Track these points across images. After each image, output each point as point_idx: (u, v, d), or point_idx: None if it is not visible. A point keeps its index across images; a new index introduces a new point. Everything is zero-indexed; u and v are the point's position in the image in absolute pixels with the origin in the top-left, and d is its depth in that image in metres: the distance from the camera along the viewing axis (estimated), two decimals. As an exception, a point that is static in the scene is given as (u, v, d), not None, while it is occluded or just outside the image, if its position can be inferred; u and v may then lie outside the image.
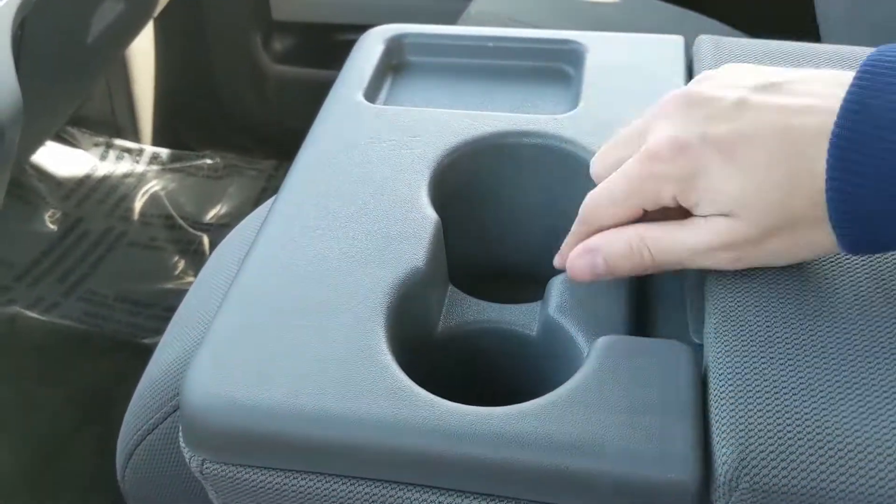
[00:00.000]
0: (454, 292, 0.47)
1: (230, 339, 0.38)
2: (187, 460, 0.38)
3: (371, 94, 0.54)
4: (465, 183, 0.50)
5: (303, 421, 0.35)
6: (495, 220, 0.51)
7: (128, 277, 1.20)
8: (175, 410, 0.48)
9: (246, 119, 1.39)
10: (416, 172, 0.47)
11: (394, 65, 0.59)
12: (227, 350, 0.38)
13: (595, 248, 0.40)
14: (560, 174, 0.49)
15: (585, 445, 0.34)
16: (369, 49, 0.58)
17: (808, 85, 0.37)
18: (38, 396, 1.02)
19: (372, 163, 0.48)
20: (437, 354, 0.44)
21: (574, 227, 0.42)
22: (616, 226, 0.40)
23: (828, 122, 0.34)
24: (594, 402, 0.35)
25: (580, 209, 0.42)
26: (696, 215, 0.38)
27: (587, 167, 0.47)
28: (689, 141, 0.37)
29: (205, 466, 0.37)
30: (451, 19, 1.00)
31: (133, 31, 1.12)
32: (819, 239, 0.36)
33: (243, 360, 0.37)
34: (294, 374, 0.37)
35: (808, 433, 0.33)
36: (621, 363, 0.37)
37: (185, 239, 1.26)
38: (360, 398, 0.36)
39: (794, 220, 0.36)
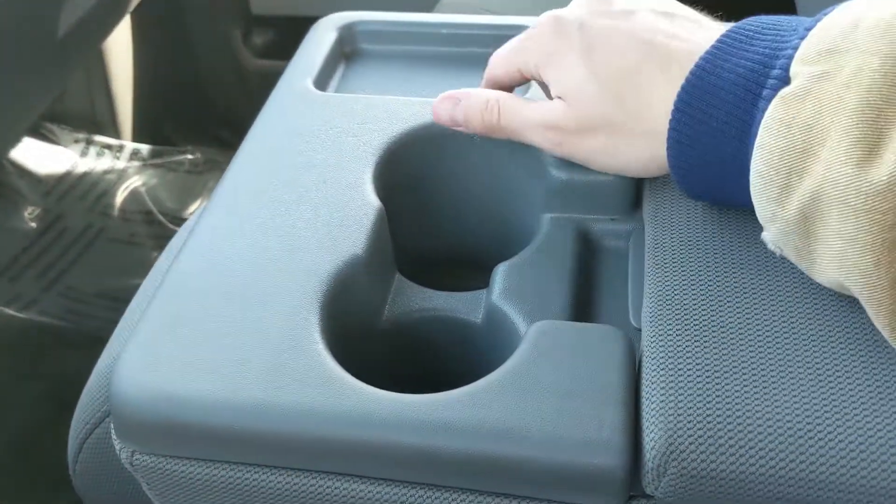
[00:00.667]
0: (400, 280, 0.46)
1: (160, 330, 0.38)
2: (118, 452, 0.37)
3: (321, 81, 0.54)
4: (412, 170, 0.49)
5: (228, 411, 0.35)
6: (443, 207, 0.51)
7: (108, 273, 1.20)
8: None
9: (226, 113, 1.38)
10: (362, 160, 0.47)
11: (346, 52, 0.58)
12: (156, 340, 0.37)
13: (458, 98, 0.44)
14: (507, 161, 0.48)
15: (512, 432, 0.33)
16: (321, 37, 0.57)
17: (696, 27, 0.39)
18: (15, 391, 1.01)
19: (316, 150, 0.47)
20: (384, 343, 0.44)
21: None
22: (501, 81, 0.45)
23: (689, 67, 0.36)
24: (523, 388, 0.34)
25: None
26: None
27: (535, 154, 0.47)
28: (567, 23, 0.41)
29: (134, 458, 0.37)
30: (428, 8, 0.99)
31: (108, 24, 1.11)
32: (644, 155, 0.39)
33: (172, 350, 0.37)
34: (222, 363, 0.36)
35: (738, 418, 0.32)
36: (554, 348, 0.36)
37: (165, 234, 1.25)
38: (287, 387, 0.35)
39: (618, 125, 0.39)
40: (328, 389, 0.35)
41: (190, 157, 1.37)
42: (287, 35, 1.38)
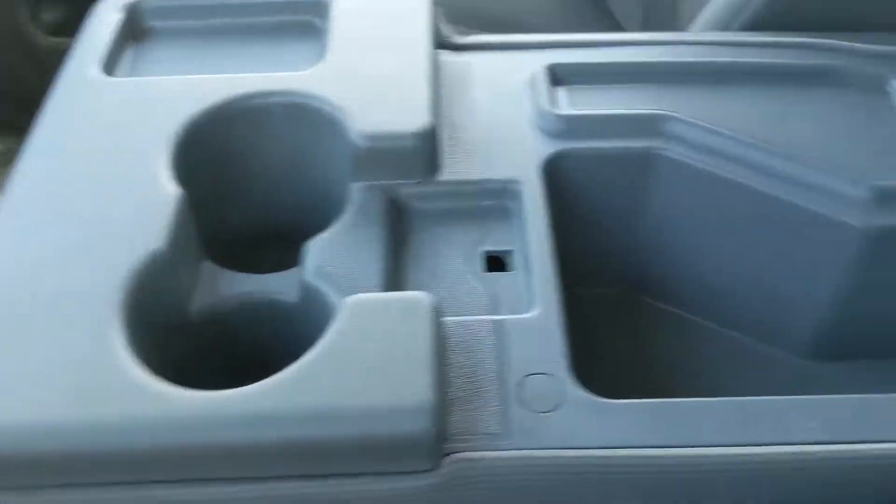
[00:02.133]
0: (210, 267, 0.45)
1: None
2: None
3: (109, 65, 0.51)
4: (213, 150, 0.48)
5: (34, 436, 0.33)
6: (250, 185, 0.50)
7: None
8: None
9: (24, 99, 1.30)
10: (157, 145, 0.45)
11: (135, 32, 0.55)
12: None
13: None
14: (309, 131, 0.48)
15: (326, 414, 0.33)
16: (105, 18, 0.54)
17: None
18: None
19: (108, 139, 0.45)
20: (197, 336, 0.43)
21: None
22: None
23: None
24: (335, 367, 0.35)
25: None
26: None
27: (334, 122, 0.46)
28: None
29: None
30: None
31: None
32: None
33: None
34: (27, 385, 0.34)
35: None
36: (364, 322, 0.36)
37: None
38: (93, 403, 0.34)
39: None
40: (136, 400, 0.34)
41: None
42: (78, 9, 1.30)
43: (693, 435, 0.35)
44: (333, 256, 0.42)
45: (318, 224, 0.47)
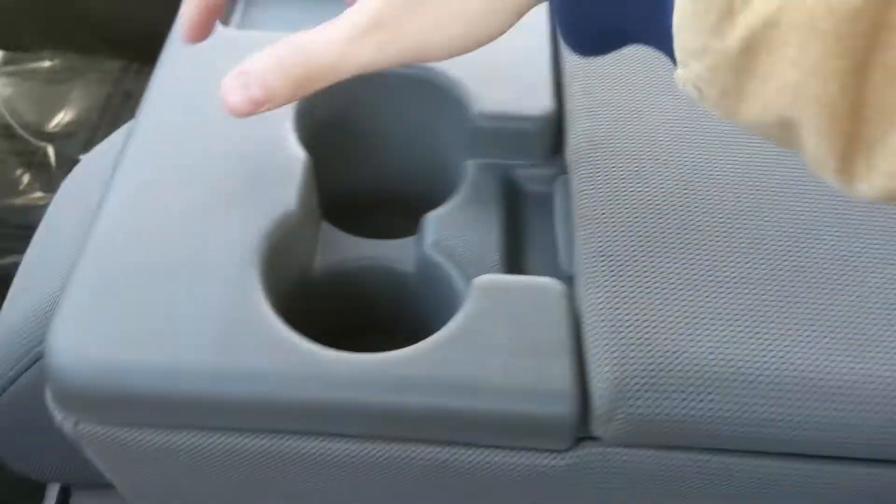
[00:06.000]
0: (328, 229, 0.46)
1: (93, 296, 0.37)
2: (58, 421, 0.37)
3: (224, 15, 0.52)
4: (333, 114, 0.48)
5: (180, 378, 0.35)
6: (366, 151, 0.51)
7: (-34, 193, 1.12)
8: (37, 360, 0.46)
9: (88, 13, 1.29)
10: (281, 107, 0.46)
11: None
12: (91, 307, 0.36)
13: (246, 71, 0.35)
14: (430, 105, 0.48)
15: (468, 386, 0.35)
16: None
17: None
18: None
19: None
20: (316, 295, 0.44)
21: None
22: None
23: None
24: (475, 344, 0.36)
25: None
26: None
27: (454, 97, 0.47)
28: None
29: (78, 427, 0.36)
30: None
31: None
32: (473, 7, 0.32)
33: (110, 317, 0.36)
34: (168, 329, 0.36)
35: (678, 363, 0.35)
36: (499, 304, 0.37)
37: (27, 150, 1.18)
38: (239, 351, 0.35)
39: None
40: (280, 352, 0.35)
41: (47, 62, 1.28)
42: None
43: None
44: (451, 232, 0.43)
45: (427, 196, 0.48)
